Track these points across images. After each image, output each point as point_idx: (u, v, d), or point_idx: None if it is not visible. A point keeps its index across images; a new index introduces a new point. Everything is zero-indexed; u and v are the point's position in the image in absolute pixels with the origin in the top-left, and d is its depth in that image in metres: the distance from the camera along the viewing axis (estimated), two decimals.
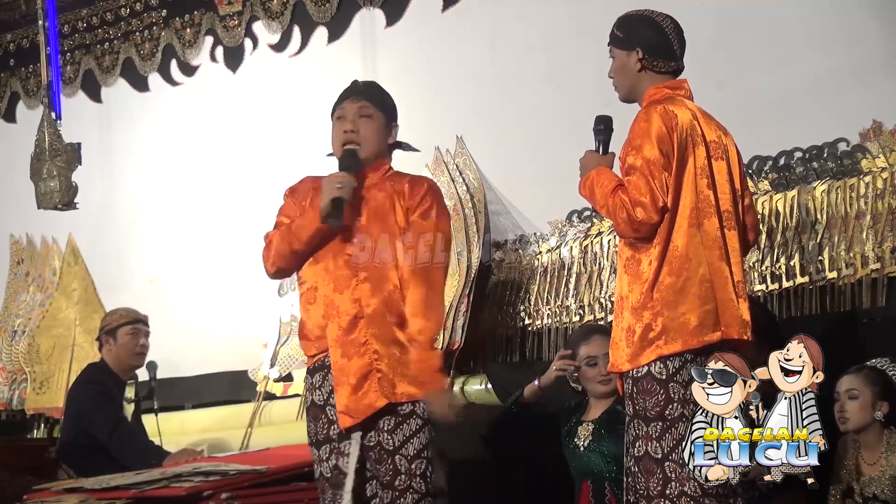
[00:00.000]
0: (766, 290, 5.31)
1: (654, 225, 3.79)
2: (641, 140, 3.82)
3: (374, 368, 4.01)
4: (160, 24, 7.97)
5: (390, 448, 4.01)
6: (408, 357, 4.04)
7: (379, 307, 4.04)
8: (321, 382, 4.10)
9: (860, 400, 4.33)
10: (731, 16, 5.74)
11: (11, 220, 8.39)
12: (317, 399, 4.11)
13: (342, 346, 4.04)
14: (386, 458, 4.00)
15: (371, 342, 4.03)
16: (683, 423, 3.71)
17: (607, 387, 4.76)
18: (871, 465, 4.34)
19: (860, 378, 4.36)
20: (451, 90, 6.71)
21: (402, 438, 4.02)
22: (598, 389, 4.80)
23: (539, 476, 5.20)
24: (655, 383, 3.78)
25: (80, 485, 4.93)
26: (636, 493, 3.83)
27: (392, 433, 4.01)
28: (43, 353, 7.84)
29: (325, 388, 4.09)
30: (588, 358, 4.81)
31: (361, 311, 4.05)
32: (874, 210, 5.14)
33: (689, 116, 3.88)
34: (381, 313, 4.04)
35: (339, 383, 4.03)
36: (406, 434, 4.02)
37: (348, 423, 4.02)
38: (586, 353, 4.82)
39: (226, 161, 7.60)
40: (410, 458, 4.00)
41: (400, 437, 4.02)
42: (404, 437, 4.02)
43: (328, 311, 4.08)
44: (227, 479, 4.61)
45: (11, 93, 8.73)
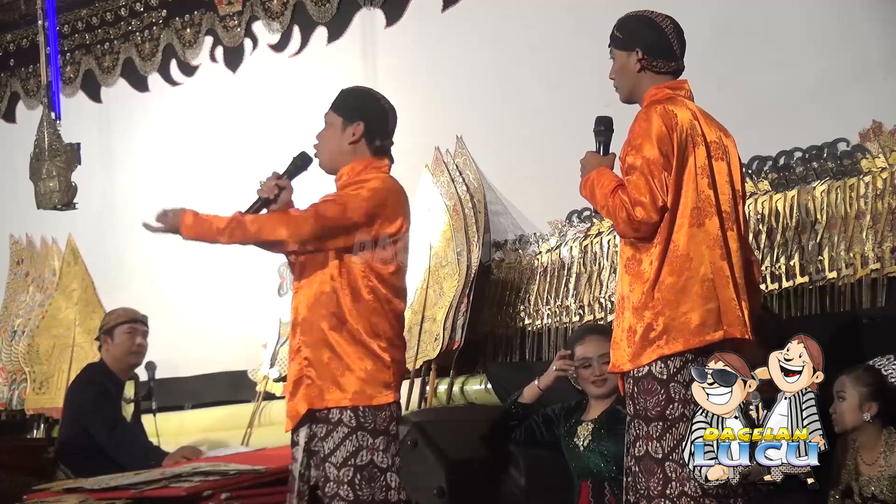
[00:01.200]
0: (766, 290, 5.31)
1: (654, 224, 3.79)
2: (641, 140, 3.82)
3: (304, 374, 4.10)
4: (160, 24, 7.97)
5: (322, 455, 4.06)
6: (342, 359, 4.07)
7: (309, 314, 4.12)
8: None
9: (847, 402, 4.33)
10: (731, 16, 5.74)
11: (11, 220, 8.39)
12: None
13: (289, 352, 4.22)
14: (320, 465, 4.07)
15: (302, 349, 4.12)
16: (684, 423, 3.71)
17: (601, 388, 4.76)
18: (870, 466, 4.34)
19: (849, 379, 4.35)
20: (451, 90, 6.71)
21: (332, 445, 4.05)
22: (592, 391, 4.80)
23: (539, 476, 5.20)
24: (656, 383, 3.78)
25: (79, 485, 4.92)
26: (636, 492, 3.83)
27: (324, 440, 4.06)
28: (42, 353, 7.84)
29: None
30: (582, 359, 4.81)
31: (297, 319, 4.16)
32: (874, 210, 5.14)
33: (690, 116, 3.88)
34: (310, 320, 4.11)
35: (284, 389, 4.21)
36: (336, 441, 4.05)
37: (289, 427, 4.14)
38: (581, 353, 4.82)
39: (226, 161, 7.60)
40: (338, 465, 4.03)
41: (330, 444, 4.05)
42: (334, 445, 4.05)
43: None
44: (226, 479, 4.61)
45: (11, 93, 8.73)
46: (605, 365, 4.70)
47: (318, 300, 4.10)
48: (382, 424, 4.06)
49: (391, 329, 4.13)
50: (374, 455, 4.04)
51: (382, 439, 4.06)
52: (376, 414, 4.06)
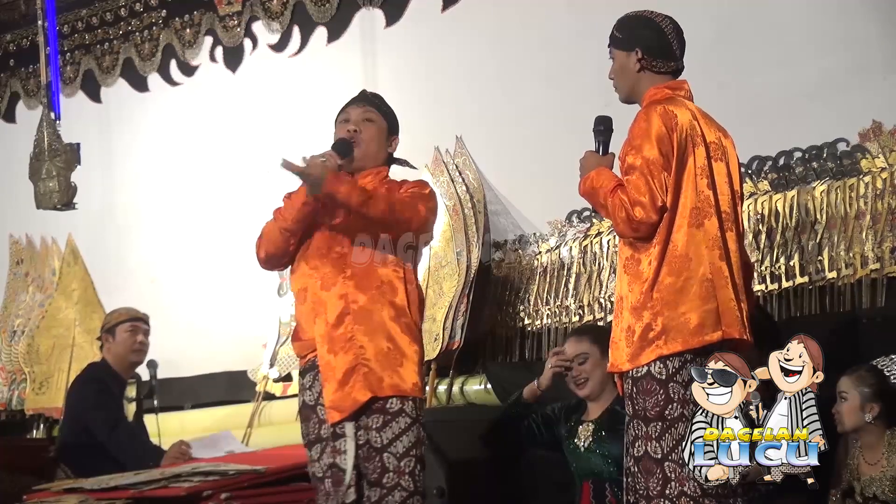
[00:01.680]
0: (765, 290, 5.31)
1: (653, 224, 3.79)
2: (641, 140, 3.82)
3: (359, 363, 4.03)
4: (160, 24, 7.97)
5: (378, 446, 4.02)
6: (401, 349, 4.05)
7: (366, 304, 4.06)
8: (311, 383, 4.13)
9: (848, 402, 4.32)
10: (731, 16, 5.74)
11: (11, 220, 8.39)
12: (308, 399, 4.14)
13: (329, 341, 4.06)
14: (374, 456, 4.02)
15: (357, 337, 4.04)
16: (683, 424, 3.71)
17: (583, 389, 4.73)
18: (872, 466, 4.33)
19: (851, 380, 4.34)
20: (451, 90, 6.71)
21: (390, 436, 4.02)
22: (577, 392, 4.78)
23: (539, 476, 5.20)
24: (655, 383, 3.78)
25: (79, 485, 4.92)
26: (636, 493, 3.83)
27: (380, 431, 4.02)
28: (42, 353, 7.84)
29: (314, 389, 4.12)
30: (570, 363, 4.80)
31: (347, 308, 4.06)
32: (874, 210, 5.14)
33: (689, 117, 3.88)
34: (368, 310, 4.05)
35: (326, 379, 4.05)
36: (395, 432, 4.03)
37: (336, 418, 4.03)
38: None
39: (225, 161, 7.60)
40: (399, 455, 4.02)
41: (388, 434, 4.02)
42: (393, 435, 4.02)
43: (315, 308, 4.10)
44: (226, 479, 4.61)
45: (11, 93, 8.74)
46: (582, 364, 4.70)
47: (379, 290, 4.07)
48: (421, 417, 4.10)
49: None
50: (422, 447, 4.09)
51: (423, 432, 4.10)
52: (422, 406, 4.11)
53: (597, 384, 4.67)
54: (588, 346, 4.71)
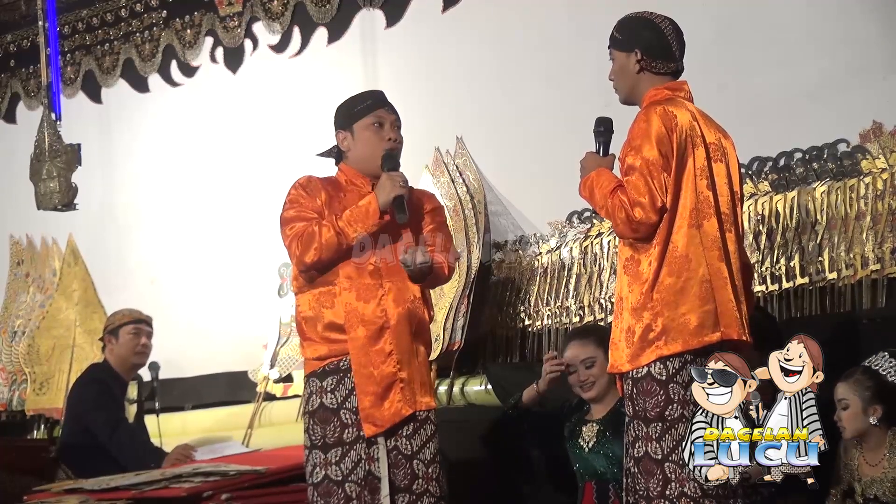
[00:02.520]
0: (766, 290, 5.31)
1: (653, 225, 3.80)
2: (641, 140, 3.82)
3: (397, 378, 4.15)
4: (160, 24, 7.97)
5: (408, 453, 4.15)
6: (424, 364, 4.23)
7: (402, 318, 4.18)
8: (335, 386, 4.19)
9: (850, 410, 4.29)
10: (731, 16, 5.74)
11: (11, 220, 8.39)
12: (328, 402, 4.18)
13: (367, 354, 4.15)
14: (404, 463, 4.14)
15: (395, 352, 4.16)
16: (683, 424, 3.71)
17: (590, 392, 4.72)
18: (874, 466, 4.32)
19: (849, 385, 4.30)
20: (451, 90, 6.71)
21: (419, 444, 4.17)
22: (581, 395, 4.78)
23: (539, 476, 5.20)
24: (655, 384, 3.78)
25: (79, 485, 4.93)
26: (636, 493, 3.83)
27: (410, 438, 4.16)
28: (43, 353, 7.84)
29: (339, 392, 4.18)
30: (568, 366, 4.79)
31: (387, 322, 4.17)
32: (874, 211, 5.14)
33: (689, 117, 3.89)
34: (403, 324, 4.18)
35: (362, 391, 4.14)
36: (423, 439, 4.18)
37: (373, 432, 4.13)
38: (567, 360, 4.80)
39: (226, 162, 7.60)
40: (427, 462, 4.17)
41: (418, 442, 4.17)
42: (422, 443, 4.18)
43: (350, 319, 4.17)
44: (226, 480, 4.62)
45: (12, 93, 8.74)
46: (589, 369, 4.70)
47: (410, 306, 4.20)
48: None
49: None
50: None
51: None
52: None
53: (603, 386, 4.67)
54: (594, 349, 4.70)
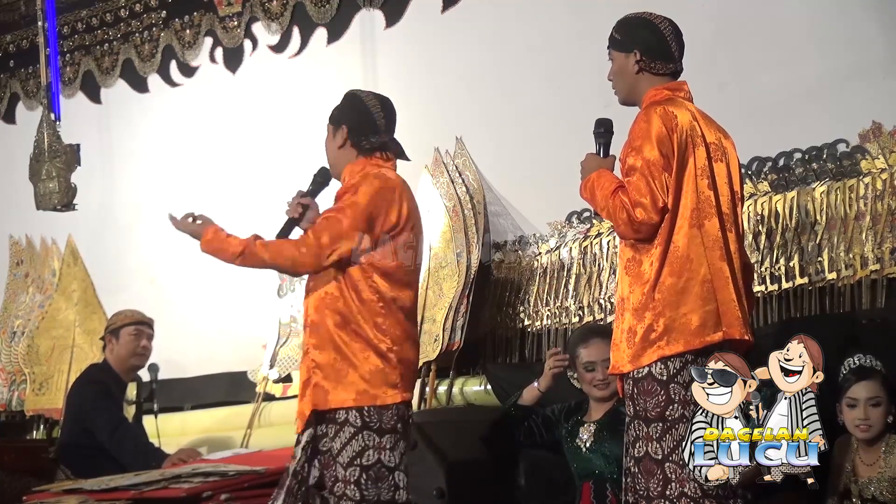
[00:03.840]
0: (765, 291, 5.31)
1: (655, 225, 3.79)
2: (641, 141, 3.82)
3: (310, 376, 4.15)
4: (160, 25, 7.97)
5: (331, 455, 4.11)
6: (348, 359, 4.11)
7: (316, 316, 4.17)
8: None
9: (882, 407, 4.26)
10: (731, 16, 5.74)
11: (11, 221, 8.38)
12: None
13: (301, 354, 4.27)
14: (331, 464, 4.11)
15: (311, 350, 4.17)
16: (684, 424, 3.71)
17: (604, 391, 4.75)
18: (870, 467, 4.31)
19: (877, 384, 4.27)
20: (451, 91, 6.71)
21: (339, 445, 4.10)
22: (594, 394, 4.79)
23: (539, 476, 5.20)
24: (656, 384, 3.78)
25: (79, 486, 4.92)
26: (636, 493, 3.83)
27: (332, 440, 4.12)
28: (42, 354, 7.83)
29: None
30: (586, 363, 4.79)
31: (307, 320, 4.22)
32: (874, 211, 5.14)
33: (689, 117, 3.89)
34: (318, 321, 4.16)
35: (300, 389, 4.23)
36: (342, 441, 4.10)
37: (298, 428, 4.17)
38: (585, 357, 4.80)
39: (225, 162, 7.60)
40: (345, 465, 4.08)
41: (338, 443, 4.10)
42: (341, 444, 4.10)
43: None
44: (226, 480, 4.61)
45: (11, 94, 8.73)
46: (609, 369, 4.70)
47: (323, 301, 4.15)
48: (389, 423, 4.10)
49: (398, 327, 4.16)
50: (381, 454, 4.09)
51: (389, 438, 4.10)
52: (382, 413, 4.10)
53: (615, 386, 4.67)
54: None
